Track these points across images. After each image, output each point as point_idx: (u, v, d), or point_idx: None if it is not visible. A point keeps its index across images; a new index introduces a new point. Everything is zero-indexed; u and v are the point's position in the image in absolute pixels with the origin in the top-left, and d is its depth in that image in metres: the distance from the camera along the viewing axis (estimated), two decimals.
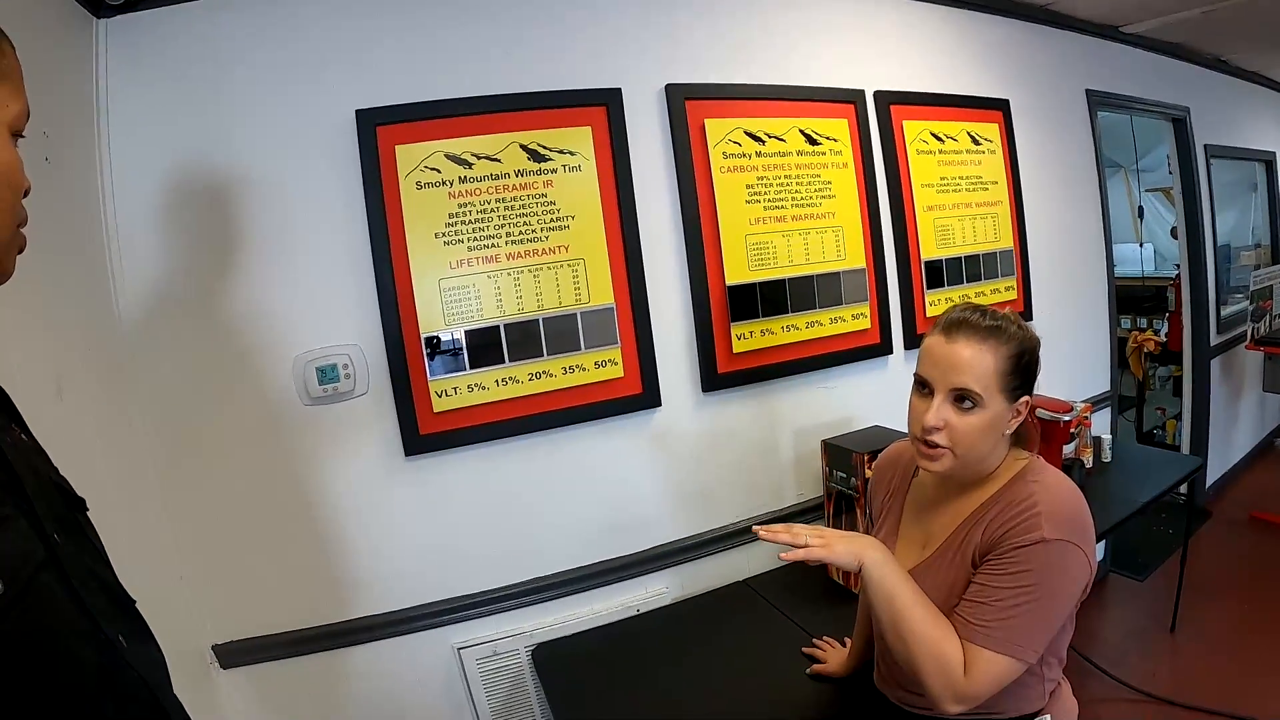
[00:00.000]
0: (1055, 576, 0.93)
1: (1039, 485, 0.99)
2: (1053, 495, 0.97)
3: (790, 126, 1.94)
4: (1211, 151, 3.50)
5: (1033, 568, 0.93)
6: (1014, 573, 0.93)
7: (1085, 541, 0.95)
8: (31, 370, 1.14)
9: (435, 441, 1.66)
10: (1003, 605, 0.93)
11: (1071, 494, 0.99)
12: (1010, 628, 0.93)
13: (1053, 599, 0.94)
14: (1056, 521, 0.93)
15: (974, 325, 1.00)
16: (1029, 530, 0.94)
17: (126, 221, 1.49)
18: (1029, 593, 0.92)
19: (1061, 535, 0.92)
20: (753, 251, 1.89)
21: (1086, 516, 0.97)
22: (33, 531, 0.57)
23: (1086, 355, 2.79)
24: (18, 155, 0.62)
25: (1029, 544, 0.93)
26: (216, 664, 1.59)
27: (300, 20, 1.56)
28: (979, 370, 0.97)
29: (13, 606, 0.51)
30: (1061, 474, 1.04)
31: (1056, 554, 0.92)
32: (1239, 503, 3.56)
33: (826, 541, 1.00)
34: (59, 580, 0.58)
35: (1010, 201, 2.41)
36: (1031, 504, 0.96)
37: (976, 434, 0.98)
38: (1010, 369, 0.98)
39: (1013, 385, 0.99)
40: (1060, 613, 0.96)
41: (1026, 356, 1.00)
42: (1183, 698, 2.20)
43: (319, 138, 1.58)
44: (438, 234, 1.62)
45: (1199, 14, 2.81)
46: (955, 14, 2.36)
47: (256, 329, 1.57)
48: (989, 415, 0.98)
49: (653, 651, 1.65)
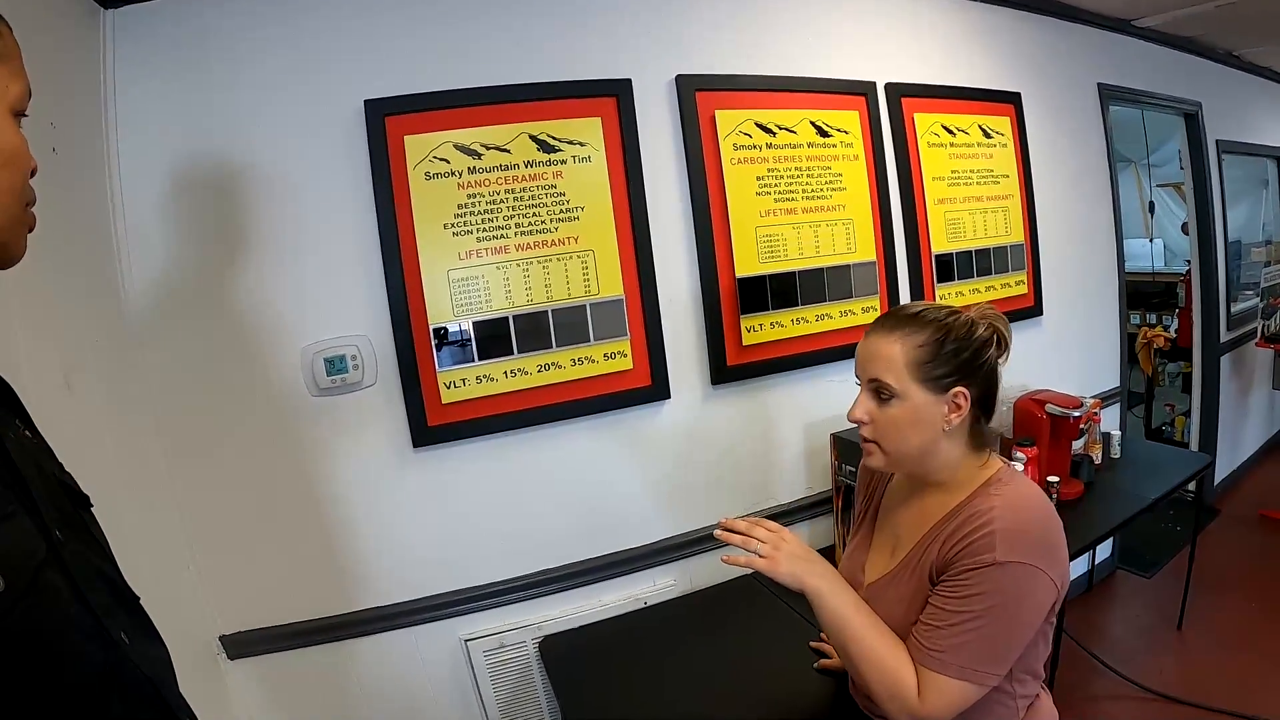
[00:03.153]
0: (1009, 600, 0.88)
1: (999, 500, 0.94)
2: (1011, 512, 0.92)
3: (801, 118, 1.92)
4: (1223, 147, 3.47)
5: (984, 591, 0.88)
6: (965, 596, 0.90)
7: (1046, 561, 0.89)
8: (39, 362, 1.14)
9: (443, 433, 1.65)
10: (955, 630, 0.90)
11: (1033, 510, 0.94)
12: (964, 653, 0.89)
13: (1008, 623, 0.89)
14: (1011, 542, 0.89)
15: (893, 317, 1.00)
16: (982, 551, 0.89)
17: (134, 212, 1.49)
18: (982, 617, 0.88)
19: (1015, 557, 0.88)
20: (763, 243, 1.88)
21: (1050, 534, 0.92)
22: (35, 529, 0.56)
23: (1096, 351, 2.78)
24: (22, 136, 0.61)
25: (980, 566, 0.89)
26: (224, 655, 1.60)
27: (310, 9, 1.55)
28: (889, 359, 0.96)
29: (15, 604, 0.50)
30: (1029, 485, 0.99)
31: (1010, 577, 0.88)
32: (1248, 500, 3.54)
33: (774, 556, 0.99)
34: (62, 577, 0.57)
35: (1021, 195, 2.39)
36: (987, 521, 0.91)
37: (898, 427, 0.97)
38: (927, 357, 0.95)
39: (935, 374, 0.95)
40: (1019, 636, 0.91)
41: (952, 344, 0.95)
42: (1190, 696, 2.19)
43: (328, 128, 1.57)
44: (446, 225, 1.61)
45: (1212, 8, 2.78)
46: (967, 6, 2.34)
47: (264, 320, 1.56)
48: (909, 407, 0.96)
49: (660, 645, 1.65)
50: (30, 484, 0.58)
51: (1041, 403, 2.17)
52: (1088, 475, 2.27)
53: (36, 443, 0.67)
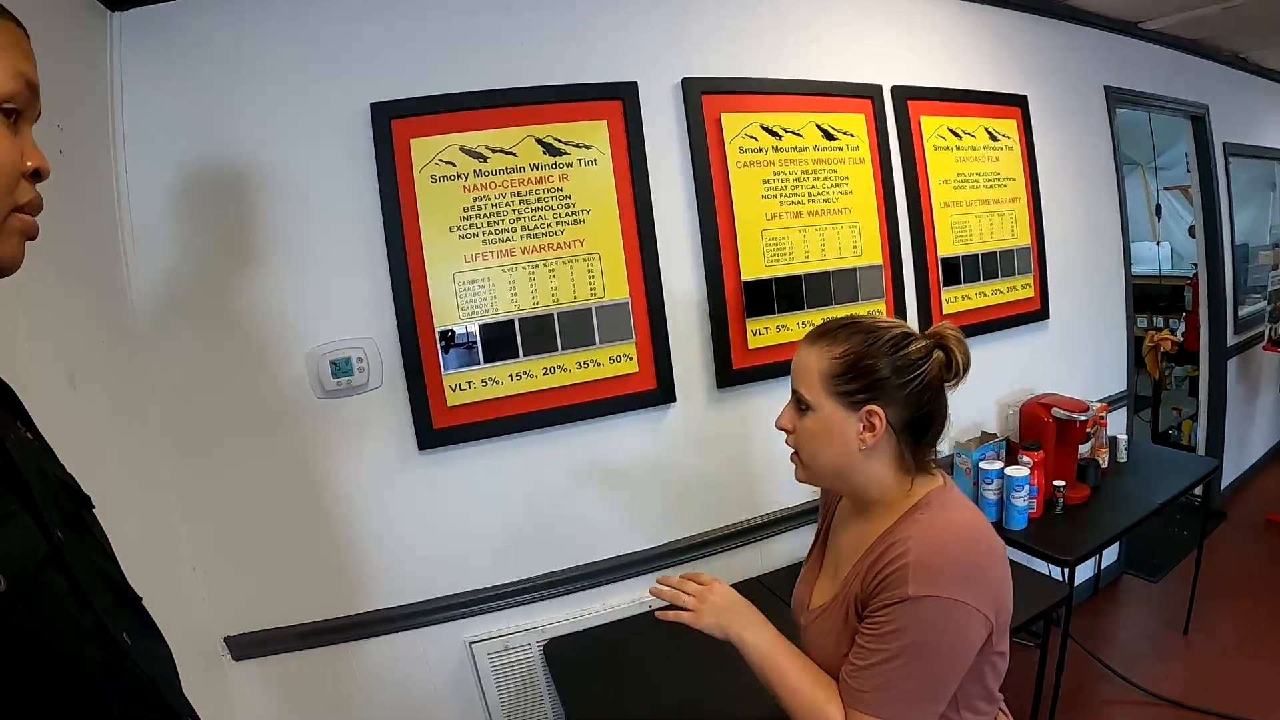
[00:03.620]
0: (928, 637, 0.84)
1: (917, 529, 0.90)
2: (928, 542, 0.87)
3: (807, 121, 1.92)
4: (1230, 150, 3.46)
5: (900, 628, 0.85)
6: (883, 634, 0.86)
7: (967, 592, 0.84)
8: (44, 362, 1.14)
9: (449, 435, 1.65)
10: (877, 669, 0.86)
11: (954, 538, 0.89)
12: (888, 693, 0.86)
13: (930, 659, 0.85)
14: (926, 575, 0.84)
15: (822, 328, 0.99)
16: (896, 585, 0.86)
17: (140, 213, 1.49)
18: (900, 655, 0.85)
19: (929, 591, 0.83)
20: (769, 247, 1.88)
21: (972, 560, 0.88)
22: (36, 529, 0.56)
23: (1103, 355, 2.77)
24: (8, 135, 0.58)
25: (894, 602, 0.85)
26: (229, 656, 1.60)
27: (316, 12, 1.55)
28: (806, 371, 0.96)
29: (16, 603, 0.50)
30: (958, 510, 0.94)
31: (926, 612, 0.84)
32: (1255, 505, 3.52)
33: (699, 609, 0.99)
34: (63, 577, 0.57)
35: (1028, 199, 2.38)
36: (902, 553, 0.87)
37: (813, 439, 0.96)
38: (838, 371, 0.93)
39: (844, 389, 0.93)
40: (946, 671, 0.87)
41: (869, 360, 0.92)
42: (1195, 701, 2.19)
43: (334, 130, 1.57)
44: (452, 228, 1.61)
45: (1218, 10, 2.77)
46: (974, 9, 2.33)
47: (270, 322, 1.56)
48: (822, 420, 0.94)
49: (665, 648, 1.64)
50: (31, 484, 0.58)
51: (1048, 406, 2.17)
52: (1094, 479, 2.27)
53: (38, 443, 0.67)
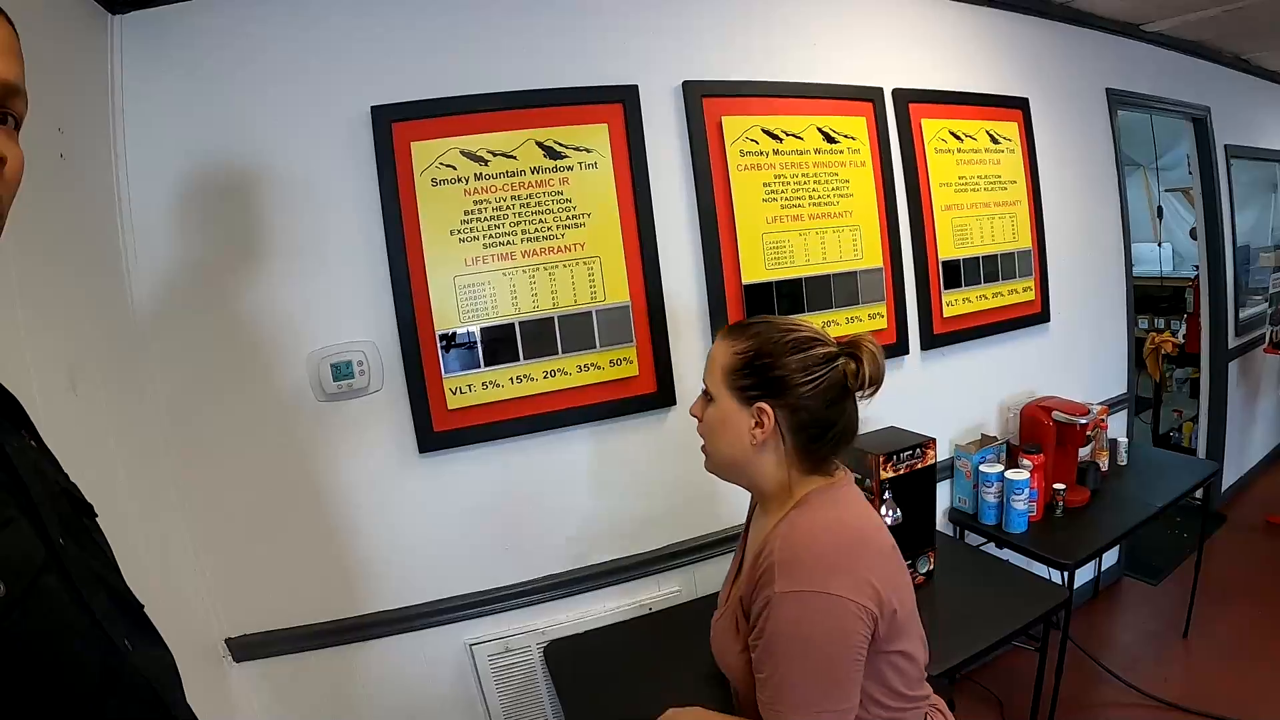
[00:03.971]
0: (801, 631, 0.85)
1: (787, 525, 0.92)
2: (793, 539, 0.90)
3: (808, 124, 1.92)
4: (1232, 152, 3.46)
5: (776, 629, 0.87)
6: (767, 639, 0.88)
7: (833, 583, 0.85)
8: (45, 365, 1.14)
9: (450, 438, 1.66)
10: (774, 675, 0.87)
11: (815, 533, 0.91)
12: (793, 695, 0.86)
13: (815, 654, 0.86)
14: (789, 572, 0.86)
15: (734, 325, 1.02)
16: (765, 587, 0.88)
17: (141, 217, 1.49)
18: (787, 654, 0.86)
19: (794, 586, 0.85)
20: (769, 250, 1.88)
21: (839, 554, 0.89)
22: (36, 535, 0.57)
23: (1104, 357, 2.77)
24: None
25: (766, 604, 0.87)
26: (230, 657, 1.60)
27: (315, 14, 1.55)
28: (712, 364, 1.00)
29: (13, 608, 0.51)
30: (833, 506, 0.95)
31: (793, 608, 0.85)
32: (1255, 507, 3.52)
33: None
34: (62, 583, 0.58)
35: (1029, 201, 2.38)
36: (768, 554, 0.89)
37: (712, 429, 1.00)
38: (736, 365, 0.96)
39: (740, 384, 0.96)
40: (837, 665, 0.86)
41: (765, 359, 0.94)
42: (1195, 704, 2.19)
43: (334, 134, 1.57)
44: (453, 231, 1.61)
45: (1220, 12, 2.77)
46: (975, 11, 2.33)
47: (271, 325, 1.57)
48: (719, 412, 0.98)
49: (664, 650, 1.65)
50: (31, 490, 0.58)
51: (1048, 409, 2.17)
52: (1094, 482, 2.27)
53: (39, 450, 0.68)
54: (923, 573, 1.80)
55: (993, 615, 1.65)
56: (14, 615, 0.51)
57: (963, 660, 1.53)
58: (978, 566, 1.91)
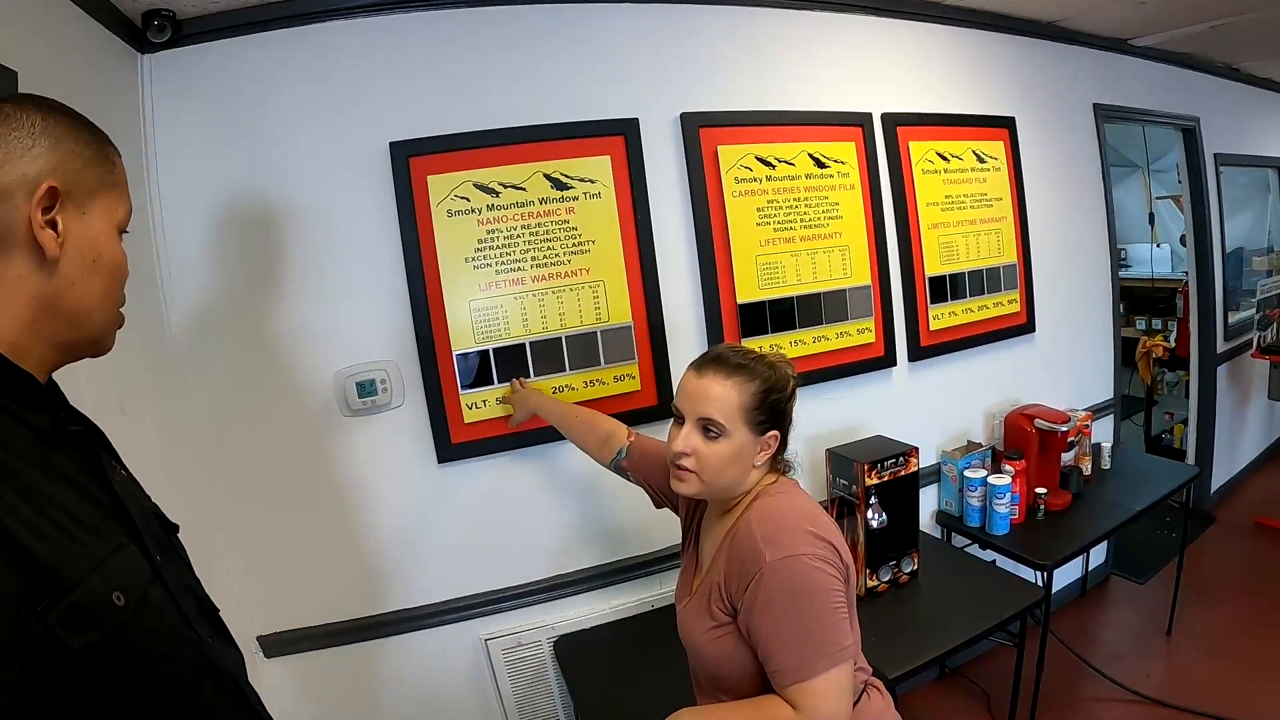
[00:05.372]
0: (798, 588, 0.98)
1: (754, 514, 1.06)
2: (765, 517, 1.04)
3: (799, 151, 2.03)
4: (1221, 160, 3.52)
5: (777, 595, 0.98)
6: (771, 609, 0.99)
7: (809, 546, 1.00)
8: (99, 391, 1.24)
9: (466, 449, 1.78)
10: (787, 638, 0.98)
11: (782, 511, 1.05)
12: (807, 649, 0.98)
13: (815, 604, 0.98)
14: (773, 544, 1.00)
15: (723, 362, 1.09)
16: (754, 564, 1.00)
17: (175, 248, 1.60)
18: (792, 613, 0.98)
19: (781, 554, 0.99)
20: (763, 271, 1.99)
21: (806, 524, 1.02)
22: (141, 555, 0.69)
23: (1089, 364, 2.85)
24: (124, 251, 0.74)
25: (760, 577, 0.99)
26: (261, 654, 1.72)
27: (333, 56, 1.65)
28: (723, 403, 1.06)
29: (132, 617, 0.64)
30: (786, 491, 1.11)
31: (784, 571, 0.98)
32: (1244, 508, 3.60)
33: None
34: (164, 594, 0.71)
35: (1015, 216, 2.47)
36: (750, 535, 1.03)
37: (720, 461, 1.07)
38: (755, 405, 1.07)
39: (758, 420, 1.07)
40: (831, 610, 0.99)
41: (773, 395, 1.08)
42: (1176, 700, 2.27)
43: (355, 168, 1.67)
44: (468, 259, 1.73)
45: (1206, 28, 2.84)
46: (962, 33, 2.41)
47: (300, 346, 1.68)
48: (734, 445, 1.07)
49: (666, 645, 1.75)
50: (135, 517, 0.71)
51: (1031, 417, 2.28)
52: (1076, 486, 2.36)
53: (130, 478, 0.81)
54: (907, 572, 1.92)
55: (971, 612, 1.75)
56: (131, 622, 0.64)
57: (939, 654, 1.62)
58: (961, 567, 2.01)
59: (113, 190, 0.73)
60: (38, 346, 0.66)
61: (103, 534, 0.65)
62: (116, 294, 0.74)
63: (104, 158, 0.72)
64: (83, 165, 0.68)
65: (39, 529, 0.58)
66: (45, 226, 0.64)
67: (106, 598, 0.61)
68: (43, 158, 0.64)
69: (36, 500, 0.59)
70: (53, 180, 0.64)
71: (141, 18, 1.51)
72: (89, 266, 0.69)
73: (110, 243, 0.72)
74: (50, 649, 0.57)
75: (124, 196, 0.75)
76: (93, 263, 0.69)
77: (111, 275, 0.72)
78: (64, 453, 0.66)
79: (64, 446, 0.67)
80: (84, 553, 0.61)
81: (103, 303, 0.71)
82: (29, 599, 0.56)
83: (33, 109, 0.66)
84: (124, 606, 0.63)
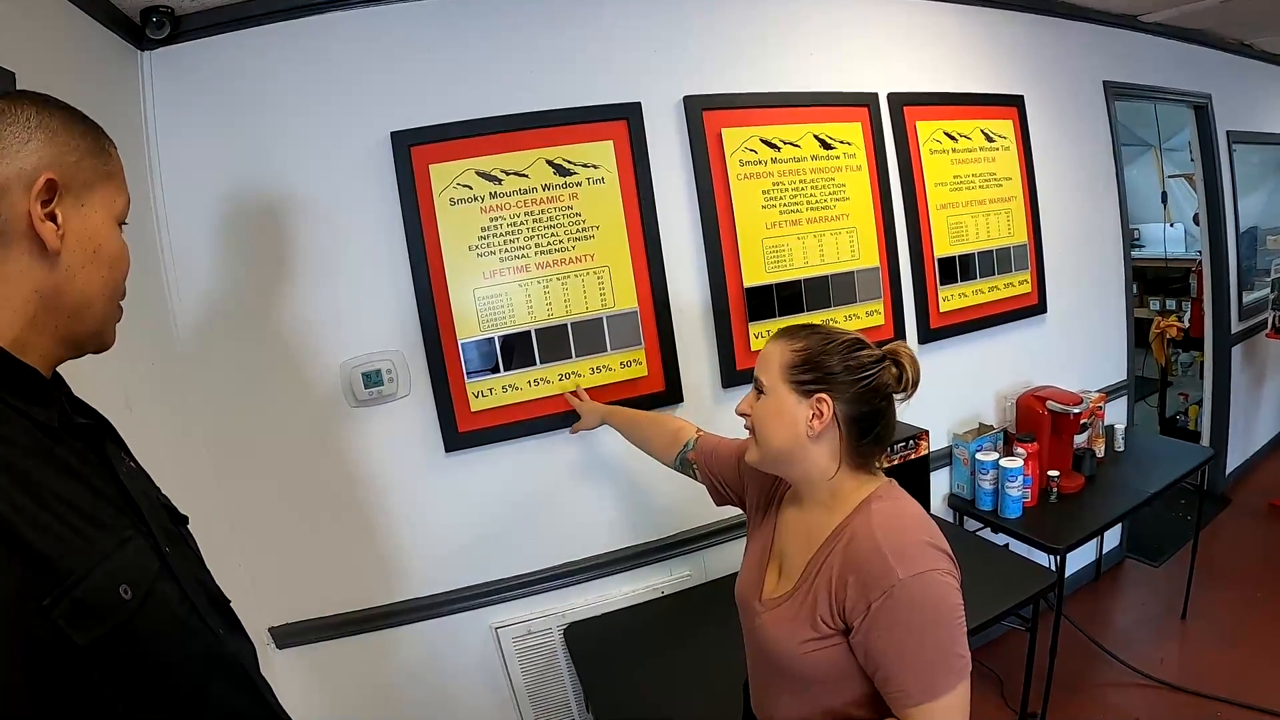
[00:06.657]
0: (929, 606, 0.91)
1: (880, 517, 0.98)
2: (888, 526, 0.96)
3: (805, 132, 2.00)
4: (1234, 137, 3.46)
5: (909, 614, 0.91)
6: (899, 629, 0.92)
7: (940, 562, 0.93)
8: (105, 386, 1.24)
9: (473, 438, 1.78)
10: (915, 659, 0.92)
11: (909, 520, 0.98)
12: (938, 666, 0.92)
13: (944, 623, 0.92)
14: (902, 556, 0.92)
15: (786, 329, 1.09)
16: (883, 580, 0.92)
17: (179, 244, 1.61)
18: (922, 631, 0.91)
19: (914, 570, 0.91)
20: (769, 254, 1.97)
21: (931, 537, 0.96)
22: (149, 547, 0.69)
23: (1102, 345, 2.82)
24: (124, 242, 0.74)
25: (887, 595, 0.91)
26: (273, 644, 1.74)
27: (333, 48, 1.65)
28: (768, 362, 1.06)
29: (139, 609, 0.64)
30: (903, 501, 1.03)
31: (920, 589, 0.91)
32: (1259, 490, 3.56)
33: None
34: (173, 587, 0.71)
35: (1024, 196, 2.44)
36: (873, 547, 0.94)
37: (765, 419, 1.05)
38: (795, 362, 1.03)
39: (799, 378, 1.02)
40: (959, 627, 0.94)
41: (822, 355, 1.02)
42: (1189, 684, 2.25)
43: (357, 159, 1.67)
44: (471, 247, 1.72)
45: (1217, 3, 2.79)
46: (969, 11, 2.37)
47: (305, 338, 1.69)
48: (774, 403, 1.03)
49: (676, 631, 1.77)
50: (142, 509, 0.71)
51: (1043, 399, 2.25)
52: (1090, 469, 2.34)
53: (139, 470, 0.80)
54: None
55: (983, 597, 1.72)
56: (139, 614, 0.63)
57: None
58: (973, 551, 1.98)
59: (110, 181, 0.73)
60: (40, 341, 0.66)
61: (109, 527, 0.64)
62: (117, 285, 0.74)
63: (100, 149, 0.72)
64: (79, 157, 0.68)
65: (42, 524, 0.57)
66: (45, 219, 0.64)
67: (113, 591, 0.61)
68: (39, 151, 0.64)
69: (40, 495, 0.58)
70: (50, 173, 0.64)
71: (140, 15, 1.51)
72: (89, 258, 0.69)
73: (110, 234, 0.72)
74: (56, 645, 0.56)
75: (122, 188, 0.75)
76: (93, 254, 0.69)
77: (112, 266, 0.72)
78: (69, 446, 0.66)
79: (69, 440, 0.67)
80: (89, 547, 0.61)
81: (104, 294, 0.71)
82: (32, 595, 0.55)
83: (27, 103, 0.66)
84: (131, 600, 0.63)
